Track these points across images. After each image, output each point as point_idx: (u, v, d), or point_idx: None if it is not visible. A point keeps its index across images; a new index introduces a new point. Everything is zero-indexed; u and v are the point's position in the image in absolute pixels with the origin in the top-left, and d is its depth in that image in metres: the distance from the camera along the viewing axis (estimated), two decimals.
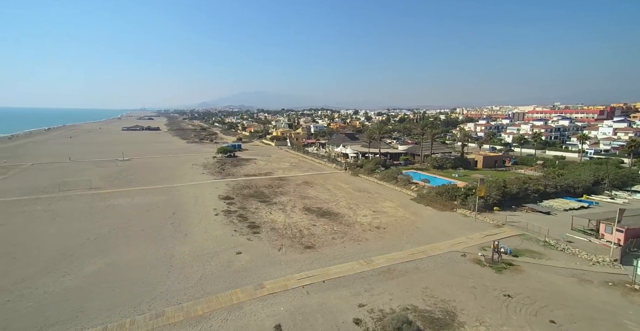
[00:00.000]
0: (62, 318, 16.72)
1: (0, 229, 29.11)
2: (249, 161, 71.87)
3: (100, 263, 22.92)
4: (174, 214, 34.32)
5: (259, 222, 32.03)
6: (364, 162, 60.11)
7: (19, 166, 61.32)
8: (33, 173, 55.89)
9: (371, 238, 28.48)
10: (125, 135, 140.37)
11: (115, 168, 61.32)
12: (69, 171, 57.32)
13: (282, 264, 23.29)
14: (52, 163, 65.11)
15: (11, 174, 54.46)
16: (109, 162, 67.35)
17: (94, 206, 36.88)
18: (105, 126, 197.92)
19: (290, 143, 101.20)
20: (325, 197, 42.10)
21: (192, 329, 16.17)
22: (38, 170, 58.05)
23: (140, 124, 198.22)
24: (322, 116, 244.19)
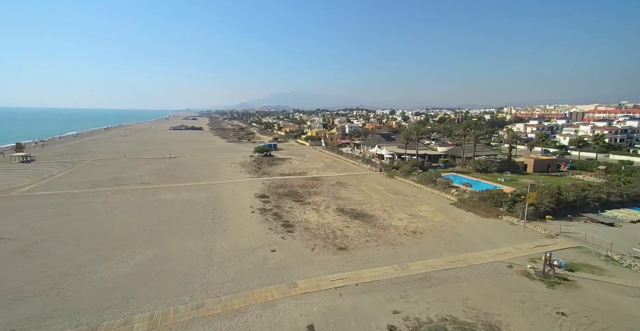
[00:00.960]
0: (115, 303, 18.19)
1: (67, 219, 32.52)
2: (284, 160, 73.25)
3: (148, 253, 24.64)
4: (214, 210, 35.91)
5: (292, 221, 32.39)
6: (400, 164, 58.33)
7: (83, 162, 68.37)
8: (94, 168, 61.95)
9: (407, 243, 27.44)
10: (171, 134, 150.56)
11: (163, 164, 65.90)
12: (124, 167, 62.69)
13: (315, 265, 23.27)
14: (110, 159, 71.72)
15: (76, 168, 60.87)
16: (158, 159, 72.55)
17: (144, 200, 39.83)
18: (155, 126, 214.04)
19: (325, 143, 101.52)
20: (359, 198, 41.48)
21: (229, 322, 16.70)
22: (98, 166, 64.24)
23: (185, 124, 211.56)
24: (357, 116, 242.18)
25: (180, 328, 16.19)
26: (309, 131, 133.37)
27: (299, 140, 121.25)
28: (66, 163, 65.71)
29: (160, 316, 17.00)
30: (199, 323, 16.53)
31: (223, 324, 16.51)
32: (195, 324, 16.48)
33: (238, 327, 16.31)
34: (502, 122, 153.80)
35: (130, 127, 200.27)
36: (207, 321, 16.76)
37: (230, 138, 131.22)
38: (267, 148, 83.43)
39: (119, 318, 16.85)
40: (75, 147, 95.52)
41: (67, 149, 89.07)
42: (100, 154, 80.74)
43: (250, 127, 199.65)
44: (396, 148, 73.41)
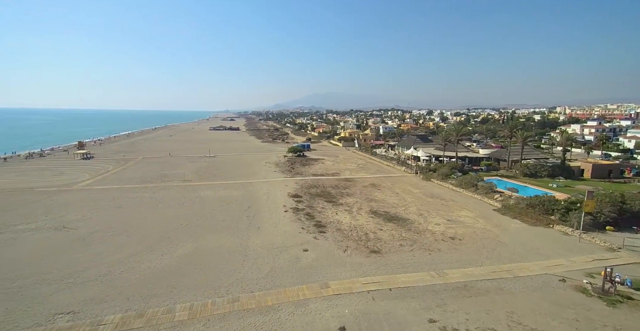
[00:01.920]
0: (159, 292, 19.42)
1: (120, 211, 35.48)
2: (317, 160, 73.70)
3: (189, 247, 26.04)
4: (249, 208, 37.06)
5: (325, 222, 32.39)
6: (438, 167, 55.90)
7: (134, 159, 74.35)
8: (143, 165, 67.07)
9: (444, 249, 26.15)
10: (211, 134, 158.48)
11: (203, 163, 69.53)
12: (169, 164, 67.11)
13: (347, 266, 23.01)
14: (156, 157, 77.21)
15: (128, 165, 66.34)
16: (199, 158, 76.69)
17: (186, 196, 42.23)
18: (196, 126, 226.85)
19: (358, 144, 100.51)
20: (393, 201, 40.42)
21: (262, 318, 17.06)
22: (146, 163, 69.45)
23: (224, 124, 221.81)
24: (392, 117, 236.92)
25: (217, 320, 16.84)
26: (342, 132, 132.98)
27: (332, 141, 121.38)
28: (119, 160, 71.89)
29: (200, 307, 17.84)
30: (234, 317, 17.08)
31: (257, 319, 16.90)
32: (231, 317, 17.05)
33: (271, 323, 16.60)
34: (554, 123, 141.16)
35: (175, 127, 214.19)
36: (242, 315, 17.26)
37: (265, 138, 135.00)
38: (300, 148, 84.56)
39: (163, 306, 17.95)
40: (127, 145, 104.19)
41: (121, 148, 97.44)
42: (149, 152, 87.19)
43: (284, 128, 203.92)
44: (433, 150, 70.56)
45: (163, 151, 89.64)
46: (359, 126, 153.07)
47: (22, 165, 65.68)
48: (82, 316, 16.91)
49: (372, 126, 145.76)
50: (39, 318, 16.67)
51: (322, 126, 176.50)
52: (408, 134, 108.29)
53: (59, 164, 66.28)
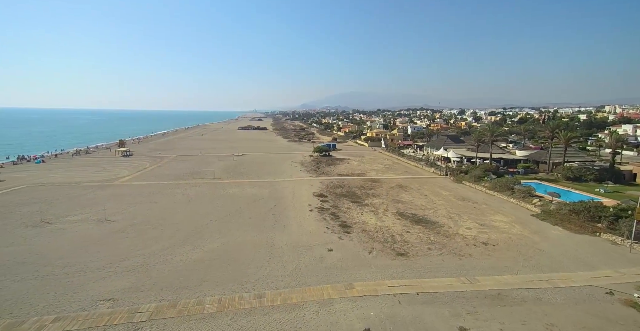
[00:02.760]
0: (190, 284, 20.23)
1: (155, 206, 37.47)
2: (342, 160, 73.37)
3: (218, 242, 26.91)
4: (275, 206, 37.62)
5: (350, 222, 32.12)
6: (470, 168, 53.53)
7: (168, 157, 78.29)
8: (176, 163, 70.43)
9: (476, 255, 24.94)
10: (239, 134, 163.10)
11: (232, 161, 71.72)
12: (200, 162, 69.93)
13: (373, 268, 22.63)
14: (189, 156, 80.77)
15: (163, 163, 69.96)
16: (227, 156, 79.21)
17: (216, 193, 43.74)
18: (226, 126, 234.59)
19: (385, 144, 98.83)
20: (421, 203, 39.24)
21: (288, 315, 17.21)
22: (180, 161, 72.85)
23: (252, 124, 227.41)
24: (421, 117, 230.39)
25: (243, 314, 17.23)
26: (368, 132, 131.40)
27: (358, 141, 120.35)
28: (155, 158, 76.01)
29: (227, 301, 18.34)
30: (260, 312, 17.38)
31: (282, 316, 17.08)
32: (257, 313, 17.36)
33: (296, 321, 16.70)
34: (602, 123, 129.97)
35: (206, 127, 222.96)
36: (268, 311, 17.52)
37: (291, 138, 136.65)
38: (326, 148, 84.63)
39: (193, 298, 18.67)
40: (162, 144, 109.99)
41: (157, 146, 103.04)
42: (182, 150, 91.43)
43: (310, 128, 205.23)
44: (465, 151, 67.67)
45: (195, 149, 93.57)
46: (386, 126, 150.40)
47: (70, 161, 71.45)
48: (121, 303, 18.02)
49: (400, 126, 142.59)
50: (83, 303, 17.98)
51: (348, 125, 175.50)
52: (438, 134, 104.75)
53: (102, 161, 71.34)
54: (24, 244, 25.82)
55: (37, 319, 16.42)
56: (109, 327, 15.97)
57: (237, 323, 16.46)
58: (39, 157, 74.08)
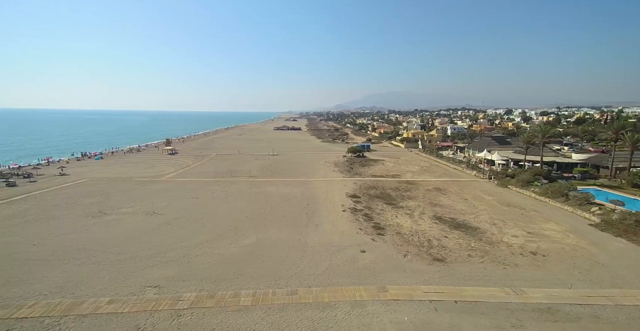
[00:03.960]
0: (227, 276, 21.13)
1: (196, 202, 39.69)
2: (376, 161, 72.12)
3: (254, 238, 27.80)
4: (308, 205, 37.98)
5: (383, 224, 31.43)
6: (517, 172, 49.81)
7: (209, 156, 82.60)
8: (216, 161, 74.05)
9: (523, 264, 23.09)
10: (275, 134, 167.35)
11: (267, 161, 73.78)
12: (237, 161, 72.86)
13: (407, 272, 21.92)
14: (227, 154, 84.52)
15: (204, 161, 73.96)
16: (263, 156, 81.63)
17: (252, 191, 45.26)
18: (262, 126, 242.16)
19: (422, 146, 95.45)
20: (460, 207, 37.26)
21: (319, 313, 17.27)
22: (219, 159, 76.51)
23: (287, 124, 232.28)
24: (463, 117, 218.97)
25: (277, 309, 17.59)
26: (404, 133, 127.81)
27: (393, 142, 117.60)
28: (197, 156, 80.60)
29: (262, 296, 18.86)
30: (292, 309, 17.63)
31: (314, 314, 17.16)
32: (290, 309, 17.63)
33: (327, 320, 16.68)
34: None
35: (244, 127, 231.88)
36: (300, 308, 17.71)
37: (325, 138, 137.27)
38: (360, 149, 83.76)
39: (230, 290, 19.46)
40: (204, 143, 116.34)
41: (198, 145, 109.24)
42: (221, 149, 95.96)
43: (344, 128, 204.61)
44: (512, 153, 63.15)
45: (233, 148, 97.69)
46: (423, 127, 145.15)
47: (124, 158, 78.25)
48: (166, 291, 19.31)
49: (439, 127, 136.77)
50: (133, 288, 19.55)
51: (384, 126, 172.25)
52: (481, 135, 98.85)
53: (151, 158, 77.21)
54: (85, 232, 28.73)
55: (94, 300, 18.17)
56: (155, 312, 17.18)
57: (270, 318, 16.85)
58: (98, 154, 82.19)
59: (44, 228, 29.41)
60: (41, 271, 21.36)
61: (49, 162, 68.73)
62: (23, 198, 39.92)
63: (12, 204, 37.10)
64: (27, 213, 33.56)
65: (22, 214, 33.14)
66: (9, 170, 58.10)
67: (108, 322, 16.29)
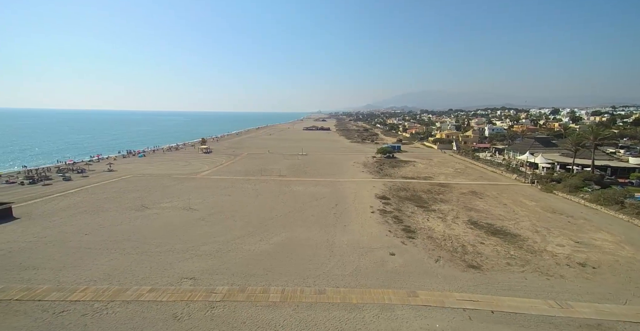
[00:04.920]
0: (257, 272, 21.71)
1: (229, 199, 41.22)
2: (407, 163, 70.31)
3: (283, 236, 28.30)
4: (336, 205, 37.92)
5: (414, 227, 30.55)
6: (564, 176, 46.10)
7: (240, 154, 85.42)
8: (247, 160, 76.39)
9: (569, 276, 21.31)
10: (304, 134, 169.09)
11: (296, 160, 74.76)
12: (267, 160, 74.60)
13: (439, 278, 21.11)
14: (258, 154, 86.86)
15: (236, 160, 76.61)
16: (293, 155, 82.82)
17: (281, 190, 46.10)
18: (292, 126, 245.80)
19: (457, 147, 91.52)
20: (498, 212, 35.21)
21: (347, 314, 17.17)
22: (250, 158, 78.84)
23: (316, 124, 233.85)
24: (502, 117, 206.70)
25: (305, 307, 17.75)
26: (437, 133, 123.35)
27: (425, 142, 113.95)
28: (230, 155, 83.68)
29: (290, 293, 19.14)
30: (320, 308, 17.69)
31: (341, 314, 17.09)
32: (317, 308, 17.70)
33: (355, 321, 16.53)
34: None
35: (274, 127, 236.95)
36: (328, 307, 17.72)
37: (354, 139, 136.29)
38: (390, 149, 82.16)
39: (260, 285, 19.96)
40: (236, 142, 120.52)
41: (231, 144, 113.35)
42: (252, 149, 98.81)
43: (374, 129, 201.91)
44: (558, 156, 58.55)
45: (263, 148, 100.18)
46: (458, 127, 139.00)
47: (164, 156, 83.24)
48: (200, 283, 20.25)
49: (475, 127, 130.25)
50: (171, 279, 20.72)
51: (415, 126, 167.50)
52: (523, 136, 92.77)
53: (188, 157, 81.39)
54: (129, 224, 30.96)
55: (137, 288, 19.50)
56: (191, 302, 18.08)
57: (298, 315, 17.03)
58: (141, 152, 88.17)
59: (94, 219, 32.11)
60: (91, 258, 23.33)
61: (99, 159, 75.00)
62: (77, 191, 43.90)
63: (67, 196, 40.93)
64: (80, 205, 36.85)
65: (75, 206, 36.45)
66: (65, 166, 64.21)
67: (149, 309, 17.41)
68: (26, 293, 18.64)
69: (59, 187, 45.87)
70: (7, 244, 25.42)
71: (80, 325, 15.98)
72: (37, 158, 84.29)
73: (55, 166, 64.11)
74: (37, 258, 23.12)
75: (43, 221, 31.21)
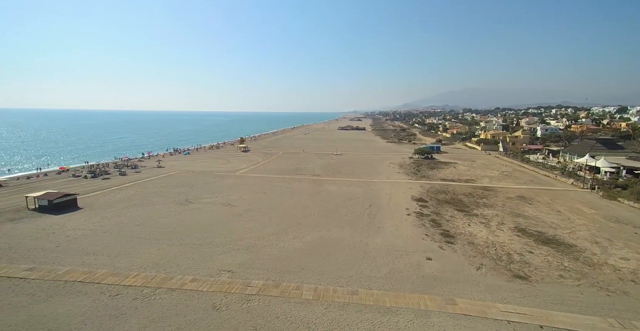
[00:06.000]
0: (291, 269, 22.11)
1: (264, 196, 42.46)
2: (447, 164, 67.11)
3: (316, 235, 28.51)
4: (370, 206, 37.31)
5: (453, 232, 29.05)
6: (632, 182, 40.94)
7: (276, 154, 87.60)
8: (282, 159, 78.11)
9: (635, 293, 18.89)
10: (339, 133, 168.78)
11: (330, 160, 74.88)
12: (302, 160, 75.62)
13: (480, 287, 19.84)
14: (293, 153, 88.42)
15: (272, 158, 78.71)
16: (327, 155, 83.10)
17: (315, 189, 46.46)
18: (327, 126, 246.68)
19: (504, 148, 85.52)
20: (551, 220, 32.25)
21: (380, 317, 16.82)
22: (285, 157, 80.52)
23: (351, 124, 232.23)
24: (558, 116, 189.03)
25: (337, 306, 17.70)
26: (481, 134, 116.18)
27: (468, 143, 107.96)
28: (266, 154, 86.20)
29: (323, 291, 19.22)
30: (353, 309, 17.52)
31: (374, 317, 16.77)
32: (350, 308, 17.56)
33: (389, 325, 16.12)
34: None
35: (309, 127, 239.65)
36: (360, 309, 17.50)
37: (390, 139, 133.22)
38: (428, 150, 79.05)
39: (293, 282, 20.30)
40: (272, 142, 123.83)
41: (267, 143, 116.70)
42: (287, 148, 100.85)
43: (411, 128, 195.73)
44: (625, 160, 52.28)
45: (298, 147, 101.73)
46: (505, 127, 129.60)
47: (206, 154, 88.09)
48: (237, 275, 21.11)
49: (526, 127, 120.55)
50: (211, 270, 21.84)
51: (457, 126, 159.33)
52: (582, 137, 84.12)
53: (227, 155, 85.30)
54: (174, 217, 33.19)
55: (180, 277, 20.84)
56: (228, 294, 18.91)
57: (331, 314, 17.02)
58: (186, 150, 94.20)
59: (145, 211, 34.91)
60: (142, 247, 25.39)
61: (149, 156, 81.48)
62: (130, 185, 48.09)
63: (122, 190, 44.99)
64: (133, 198, 40.31)
65: (129, 199, 39.93)
66: (121, 162, 70.68)
67: (191, 298, 18.51)
68: (87, 275, 20.80)
69: (115, 181, 50.58)
70: (73, 232, 28.58)
71: (132, 308, 17.46)
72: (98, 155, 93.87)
73: (113, 162, 70.87)
74: (96, 245, 25.70)
75: (102, 211, 34.63)
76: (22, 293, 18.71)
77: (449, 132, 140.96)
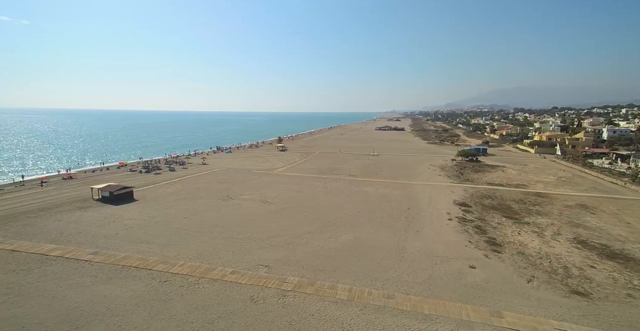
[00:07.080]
0: (325, 268, 22.17)
1: (300, 195, 43.07)
2: (494, 167, 62.68)
3: (351, 236, 28.27)
4: (408, 209, 36.09)
5: (501, 240, 27.02)
6: None
7: (313, 153, 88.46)
8: (319, 158, 78.65)
9: None
10: (376, 134, 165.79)
11: (367, 161, 73.81)
12: (338, 160, 75.50)
13: (532, 301, 18.21)
14: (329, 153, 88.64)
15: (309, 158, 79.63)
16: (363, 156, 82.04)
17: (350, 189, 46.10)
18: (364, 126, 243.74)
19: (562, 151, 77.81)
20: (618, 232, 28.64)
21: (418, 324, 16.19)
22: (322, 157, 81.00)
23: (389, 124, 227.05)
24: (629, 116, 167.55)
25: (372, 309, 17.37)
26: (535, 135, 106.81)
27: (519, 145, 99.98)
28: (303, 153, 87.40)
29: (357, 293, 18.99)
30: (389, 313, 17.07)
31: (412, 323, 16.17)
32: (386, 312, 17.12)
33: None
34: None
35: (346, 127, 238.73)
36: (396, 314, 16.99)
37: (431, 140, 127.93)
38: (473, 152, 74.46)
39: (328, 281, 20.32)
40: (309, 141, 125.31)
41: (304, 143, 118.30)
42: (324, 148, 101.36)
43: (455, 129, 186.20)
44: None
45: (334, 147, 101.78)
46: (564, 128, 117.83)
47: (246, 153, 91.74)
48: (273, 271, 21.66)
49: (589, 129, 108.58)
50: (249, 264, 22.67)
51: (506, 127, 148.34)
52: None
53: (266, 154, 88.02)
54: (217, 211, 35.01)
55: (222, 269, 21.92)
56: (265, 288, 19.48)
57: (366, 316, 16.75)
58: (228, 148, 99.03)
59: (190, 205, 37.28)
60: (188, 239, 27.14)
61: (195, 154, 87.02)
62: (178, 180, 51.69)
63: (171, 184, 48.53)
64: (180, 192, 43.28)
65: (177, 193, 42.93)
66: (171, 158, 76.37)
67: (231, 289, 19.39)
68: (141, 262, 22.73)
69: (165, 176, 54.72)
70: (130, 221, 31.43)
71: (179, 295, 18.73)
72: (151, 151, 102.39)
73: (164, 159, 76.84)
74: (149, 234, 27.99)
75: (154, 204, 37.64)
76: (86, 274, 20.98)
77: (497, 134, 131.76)
